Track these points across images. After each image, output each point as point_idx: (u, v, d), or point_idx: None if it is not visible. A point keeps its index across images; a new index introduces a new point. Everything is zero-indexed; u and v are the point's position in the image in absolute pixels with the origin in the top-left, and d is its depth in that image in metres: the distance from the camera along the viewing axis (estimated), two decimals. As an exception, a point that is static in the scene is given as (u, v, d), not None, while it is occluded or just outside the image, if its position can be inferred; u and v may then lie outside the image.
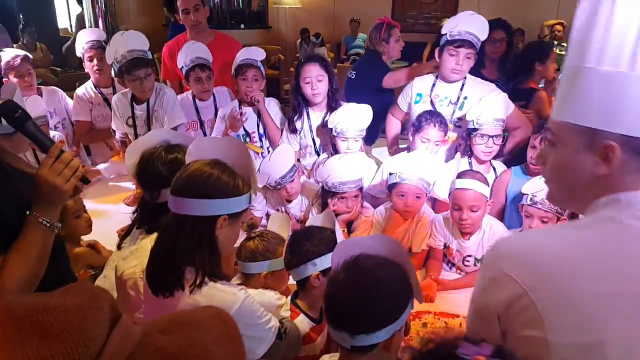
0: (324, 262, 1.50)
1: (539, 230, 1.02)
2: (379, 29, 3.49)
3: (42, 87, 3.13)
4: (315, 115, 2.74)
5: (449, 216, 2.17)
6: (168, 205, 1.27)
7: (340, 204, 2.20)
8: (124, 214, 1.72)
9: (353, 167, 2.19)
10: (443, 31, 2.58)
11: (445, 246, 2.21)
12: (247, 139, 2.87)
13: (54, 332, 0.53)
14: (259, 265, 1.70)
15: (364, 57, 4.09)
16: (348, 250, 1.22)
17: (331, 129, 2.54)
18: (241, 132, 2.85)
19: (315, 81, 2.60)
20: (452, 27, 2.53)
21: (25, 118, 1.27)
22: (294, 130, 2.77)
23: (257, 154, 2.86)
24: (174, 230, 1.25)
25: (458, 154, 2.56)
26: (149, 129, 2.69)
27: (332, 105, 2.65)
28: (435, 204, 2.52)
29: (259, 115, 2.85)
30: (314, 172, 2.67)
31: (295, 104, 2.73)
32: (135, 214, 1.67)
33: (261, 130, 2.88)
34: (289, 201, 2.44)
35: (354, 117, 2.50)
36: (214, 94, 3.04)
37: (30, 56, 3.05)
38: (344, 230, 2.23)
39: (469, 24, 2.51)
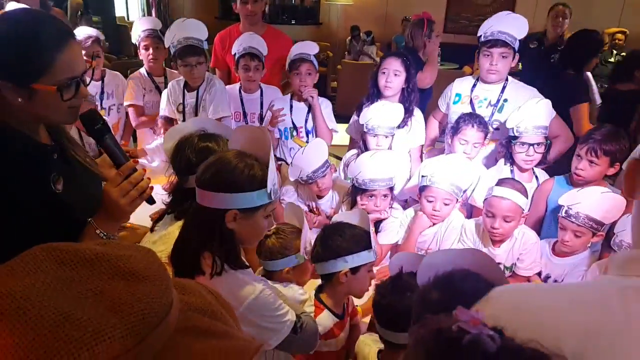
0: (356, 260, 1.50)
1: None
2: (421, 25, 3.46)
3: (107, 70, 3.17)
4: None
5: (480, 222, 2.13)
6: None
7: (369, 202, 2.19)
8: (160, 196, 1.76)
9: (385, 166, 2.18)
10: (478, 33, 2.56)
11: (475, 253, 2.17)
12: (294, 133, 2.88)
13: (140, 276, 0.53)
14: (277, 263, 1.68)
15: None
16: (438, 264, 1.09)
17: (363, 124, 2.54)
18: (289, 125, 2.86)
19: (392, 74, 2.62)
20: (486, 28, 2.52)
21: (104, 131, 1.25)
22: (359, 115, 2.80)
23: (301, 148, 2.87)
24: (192, 218, 1.29)
25: (501, 161, 2.50)
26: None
27: (404, 105, 2.63)
28: (472, 210, 2.47)
29: (308, 110, 2.85)
30: (344, 168, 2.68)
31: (370, 92, 2.77)
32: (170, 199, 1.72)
33: (309, 126, 2.88)
34: (320, 197, 2.45)
35: (385, 114, 2.50)
36: (262, 90, 3.01)
37: (102, 37, 3.06)
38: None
39: (503, 24, 2.49)
